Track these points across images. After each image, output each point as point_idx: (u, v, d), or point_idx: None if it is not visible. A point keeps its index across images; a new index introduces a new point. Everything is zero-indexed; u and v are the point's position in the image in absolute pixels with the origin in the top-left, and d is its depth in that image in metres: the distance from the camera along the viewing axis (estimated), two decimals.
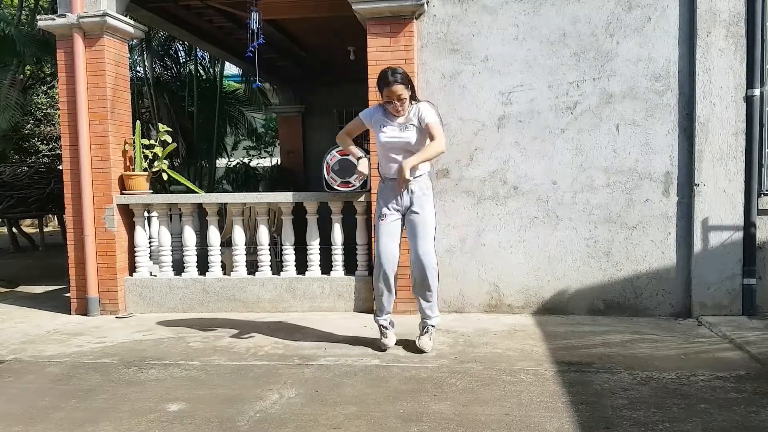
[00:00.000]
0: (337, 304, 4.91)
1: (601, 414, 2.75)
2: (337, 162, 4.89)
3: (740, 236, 4.42)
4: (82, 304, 5.09)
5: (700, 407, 2.80)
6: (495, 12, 4.65)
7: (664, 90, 4.51)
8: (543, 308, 4.70)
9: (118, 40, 5.13)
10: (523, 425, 2.66)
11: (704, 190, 4.45)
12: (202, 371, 3.50)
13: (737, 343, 3.77)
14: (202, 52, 10.32)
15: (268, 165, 13.17)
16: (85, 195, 4.98)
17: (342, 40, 7.14)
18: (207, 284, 5.06)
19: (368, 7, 4.59)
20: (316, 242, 5.03)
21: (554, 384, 3.15)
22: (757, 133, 4.36)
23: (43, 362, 3.78)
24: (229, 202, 5.28)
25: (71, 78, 4.97)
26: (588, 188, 4.61)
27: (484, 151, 4.71)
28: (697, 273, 4.48)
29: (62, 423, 2.82)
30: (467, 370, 3.40)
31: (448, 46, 4.72)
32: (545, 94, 4.63)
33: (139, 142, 5.22)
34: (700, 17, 4.39)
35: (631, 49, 4.53)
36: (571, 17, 4.58)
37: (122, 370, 3.57)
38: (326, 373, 3.40)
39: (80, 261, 5.07)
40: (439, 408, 2.86)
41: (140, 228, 5.20)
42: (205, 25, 6.86)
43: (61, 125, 5.10)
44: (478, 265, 4.76)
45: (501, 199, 4.71)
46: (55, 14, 4.93)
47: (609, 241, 4.60)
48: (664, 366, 3.39)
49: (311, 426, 2.70)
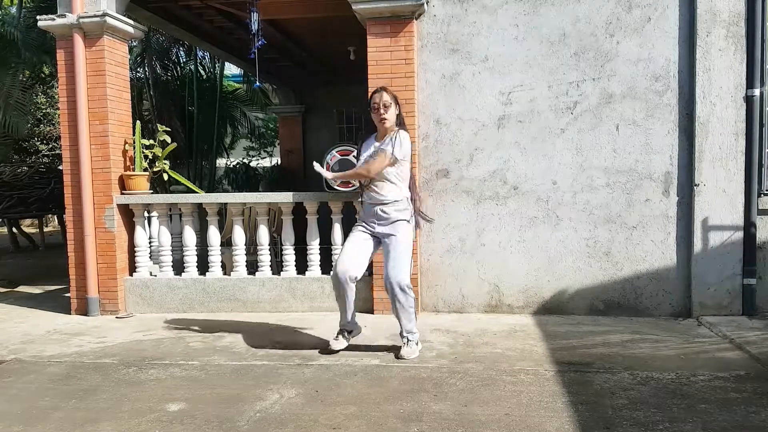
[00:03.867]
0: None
1: (601, 414, 2.75)
2: (337, 162, 4.89)
3: (740, 236, 4.42)
4: (82, 304, 5.09)
5: (700, 407, 2.80)
6: (495, 12, 4.66)
7: (664, 90, 4.51)
8: (543, 308, 4.70)
9: (118, 40, 5.13)
10: (523, 425, 2.66)
11: (704, 190, 4.45)
12: (202, 371, 3.50)
13: (737, 343, 3.77)
14: (202, 52, 10.32)
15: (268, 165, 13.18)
16: (85, 195, 4.98)
17: (342, 40, 7.13)
18: (207, 284, 5.06)
19: (368, 7, 4.59)
20: (316, 242, 5.03)
21: (554, 384, 3.15)
22: (757, 133, 4.36)
23: (43, 362, 3.78)
24: (229, 202, 5.28)
25: (71, 78, 4.97)
26: (588, 188, 4.61)
27: (484, 151, 4.71)
28: (697, 273, 4.48)
29: (62, 423, 2.82)
30: (467, 370, 3.40)
31: (448, 46, 4.72)
32: (545, 94, 4.63)
33: (139, 142, 5.22)
34: (700, 17, 4.39)
35: (631, 49, 4.53)
36: (571, 17, 4.58)
37: (122, 370, 3.57)
38: (326, 373, 3.40)
39: (80, 261, 5.07)
40: (439, 408, 2.86)
41: (140, 228, 5.20)
42: (205, 25, 6.86)
43: (61, 125, 5.10)
44: (478, 265, 4.76)
45: (501, 199, 4.71)
46: (55, 14, 4.93)
47: (609, 241, 4.60)
48: (664, 366, 3.39)
49: (311, 426, 2.70)
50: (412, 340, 3.71)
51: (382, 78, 4.64)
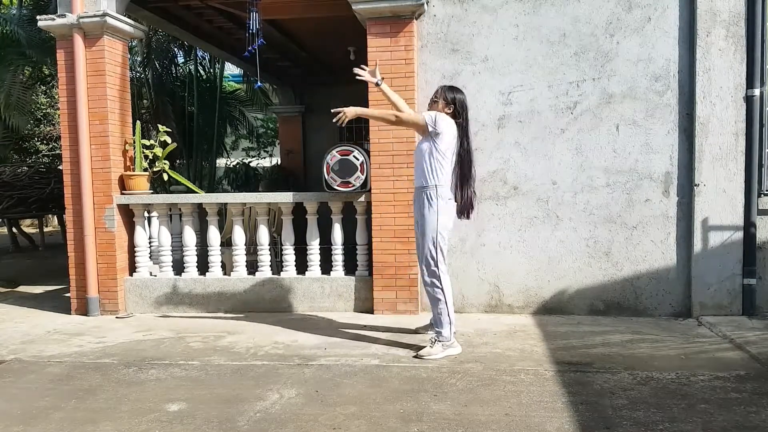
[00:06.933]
0: (337, 304, 4.91)
1: (601, 414, 2.75)
2: (337, 162, 4.88)
3: (740, 236, 4.42)
4: (82, 304, 5.09)
5: (700, 407, 2.80)
6: (495, 12, 4.66)
7: (664, 90, 4.51)
8: (543, 308, 4.70)
9: (118, 40, 5.13)
10: (523, 425, 2.66)
11: (704, 190, 4.45)
12: (202, 371, 3.50)
13: (737, 343, 3.77)
14: (202, 52, 10.32)
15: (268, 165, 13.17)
16: (85, 195, 4.98)
17: (342, 40, 7.13)
18: (207, 284, 5.06)
19: (368, 7, 4.59)
20: (316, 242, 5.03)
21: (554, 384, 3.15)
22: (757, 133, 4.36)
23: (43, 362, 3.78)
24: (229, 202, 5.29)
25: (71, 78, 4.98)
26: (588, 188, 4.61)
27: (484, 151, 4.71)
28: (697, 273, 4.48)
29: (62, 423, 2.82)
30: (467, 370, 3.40)
31: (448, 46, 4.72)
32: (545, 94, 4.63)
33: (139, 142, 5.22)
34: (700, 17, 4.39)
35: (631, 49, 4.53)
36: (571, 17, 4.58)
37: (122, 370, 3.57)
38: (326, 373, 3.40)
39: (80, 261, 5.07)
40: (439, 408, 2.86)
41: (140, 228, 5.20)
42: (205, 25, 6.86)
43: (61, 125, 5.10)
44: (478, 265, 4.76)
45: (501, 199, 4.71)
46: (55, 14, 4.93)
47: (609, 241, 4.60)
48: (664, 366, 3.39)
49: (311, 426, 2.70)
50: (437, 340, 3.67)
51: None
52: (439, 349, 3.64)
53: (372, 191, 4.75)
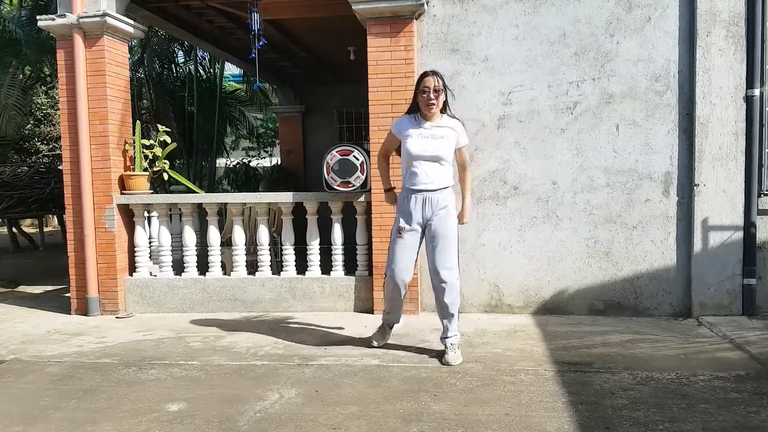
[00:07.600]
0: (337, 304, 4.91)
1: (601, 414, 2.75)
2: (337, 162, 4.88)
3: (740, 236, 4.42)
4: (82, 304, 5.09)
5: (700, 407, 2.80)
6: (495, 12, 4.65)
7: (664, 90, 4.51)
8: (543, 308, 4.70)
9: (118, 40, 5.13)
10: (523, 425, 2.66)
11: (704, 190, 4.45)
12: (202, 371, 3.50)
13: (737, 343, 3.77)
14: (202, 52, 10.32)
15: (268, 165, 13.16)
16: (85, 195, 4.98)
17: (342, 40, 7.13)
18: (207, 284, 5.06)
19: (368, 7, 4.59)
20: (316, 242, 5.03)
21: (554, 384, 3.15)
22: (757, 133, 4.36)
23: (43, 362, 3.78)
24: (229, 202, 5.29)
25: (71, 78, 4.97)
26: (588, 188, 4.61)
27: (484, 151, 4.71)
28: (697, 273, 4.48)
29: (62, 423, 2.82)
30: (467, 370, 3.40)
31: (448, 46, 4.72)
32: (545, 94, 4.63)
33: (139, 142, 5.22)
34: (700, 17, 4.39)
35: (631, 49, 4.53)
36: (571, 17, 4.58)
37: (122, 370, 3.57)
38: (326, 373, 3.40)
39: (80, 261, 5.07)
40: (439, 408, 2.86)
41: (140, 228, 5.20)
42: (205, 25, 6.86)
43: (61, 125, 5.10)
44: (478, 265, 4.76)
45: (501, 199, 4.71)
46: (56, 14, 4.93)
47: (609, 241, 4.60)
48: (664, 366, 3.39)
49: (311, 426, 2.70)
50: (453, 343, 3.60)
51: (382, 78, 4.65)
52: (459, 351, 3.62)
53: (372, 191, 4.75)
